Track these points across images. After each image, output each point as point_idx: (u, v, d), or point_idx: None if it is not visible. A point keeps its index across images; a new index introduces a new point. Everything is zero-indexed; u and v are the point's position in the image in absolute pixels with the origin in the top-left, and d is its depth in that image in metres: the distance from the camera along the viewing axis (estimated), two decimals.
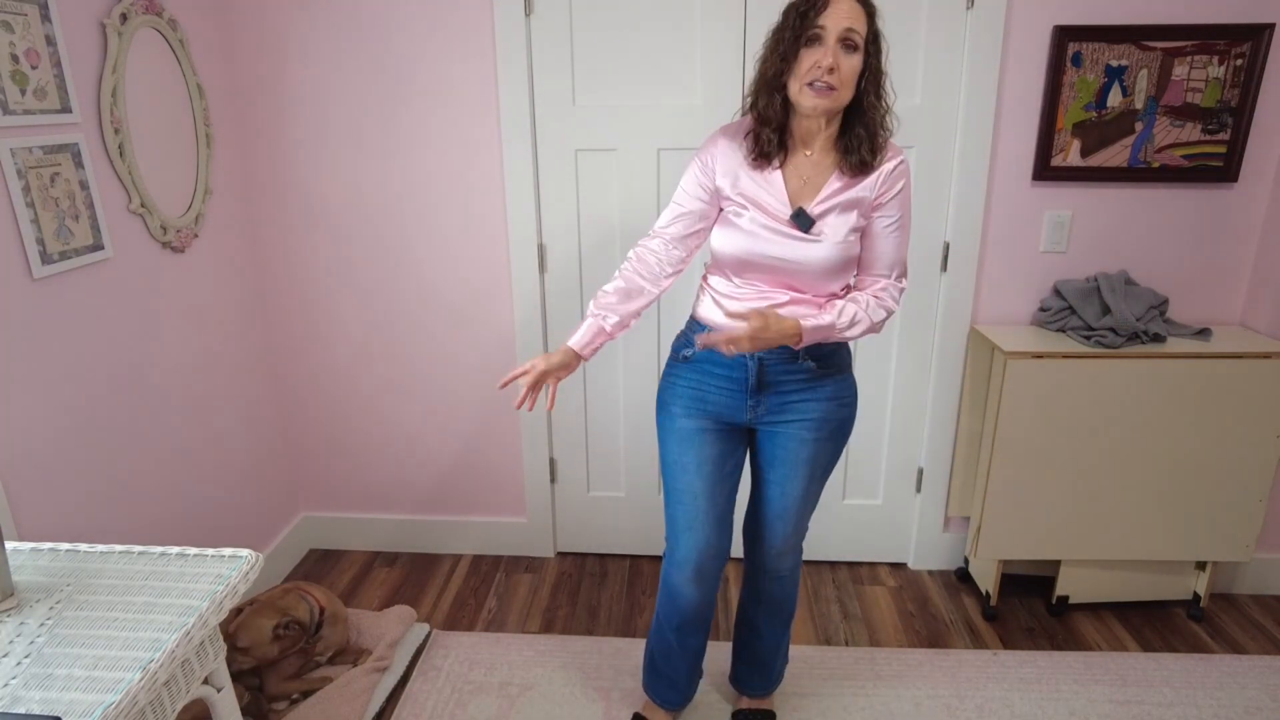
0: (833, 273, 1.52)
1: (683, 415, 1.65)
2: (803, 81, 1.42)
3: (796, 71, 1.43)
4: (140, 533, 2.01)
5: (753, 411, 1.62)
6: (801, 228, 1.49)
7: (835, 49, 1.39)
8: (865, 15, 1.42)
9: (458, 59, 2.26)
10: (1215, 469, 2.18)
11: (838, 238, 1.50)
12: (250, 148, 2.39)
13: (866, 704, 2.04)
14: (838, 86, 1.41)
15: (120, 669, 1.06)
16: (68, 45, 1.75)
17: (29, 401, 1.69)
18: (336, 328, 2.55)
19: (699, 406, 1.63)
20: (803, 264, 1.50)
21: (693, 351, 1.62)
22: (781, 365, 1.58)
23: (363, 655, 2.17)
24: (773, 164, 1.52)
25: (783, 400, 1.61)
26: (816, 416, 1.61)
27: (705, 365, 1.62)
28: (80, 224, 1.79)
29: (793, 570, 1.82)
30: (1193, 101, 2.14)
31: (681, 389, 1.65)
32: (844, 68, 1.40)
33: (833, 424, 1.64)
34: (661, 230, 1.63)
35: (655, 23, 2.19)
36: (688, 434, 1.65)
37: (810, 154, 1.52)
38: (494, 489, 2.70)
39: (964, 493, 2.50)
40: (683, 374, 1.65)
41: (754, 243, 1.51)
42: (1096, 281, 2.23)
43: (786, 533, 1.74)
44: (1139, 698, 2.06)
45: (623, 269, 1.64)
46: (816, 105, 1.43)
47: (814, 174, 1.52)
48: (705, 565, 1.70)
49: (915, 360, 2.44)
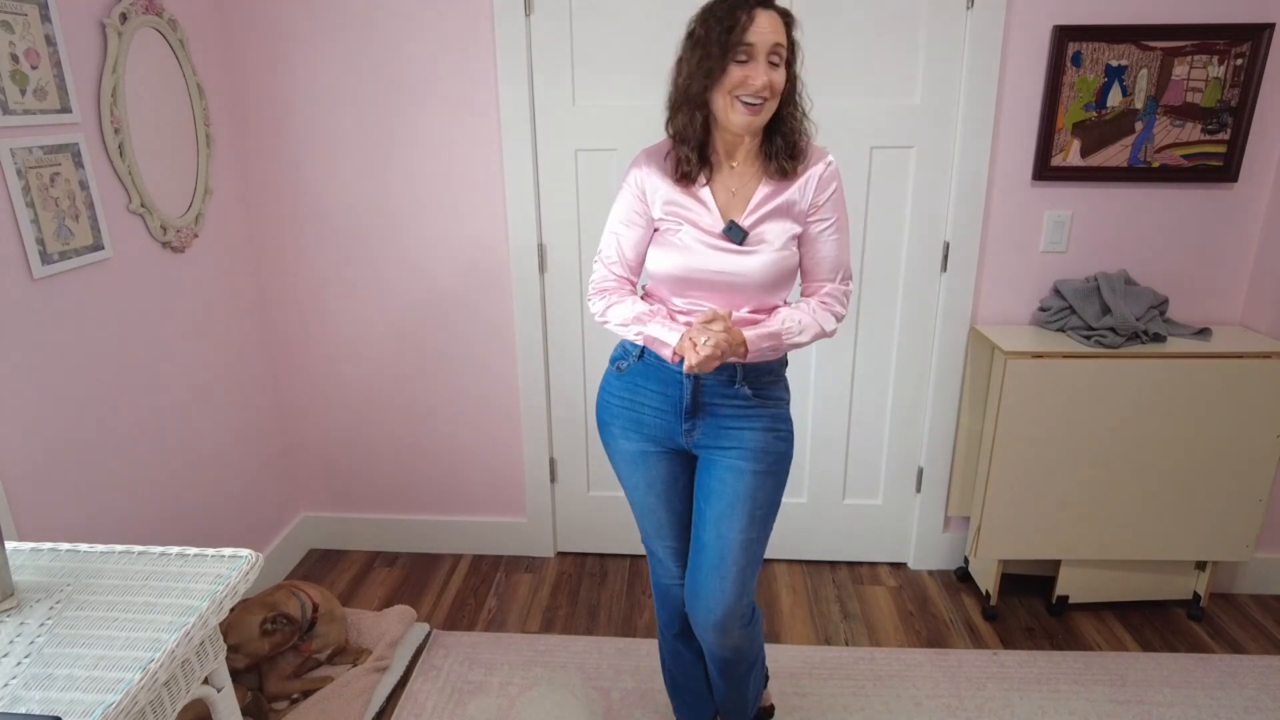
0: (773, 284, 1.49)
1: (622, 436, 1.62)
2: (732, 95, 1.39)
3: (722, 85, 1.39)
4: (140, 533, 2.01)
5: (688, 435, 1.56)
6: (735, 240, 1.47)
7: (765, 66, 1.37)
8: (785, 27, 1.40)
9: (458, 59, 2.26)
10: (1215, 469, 2.18)
11: (775, 246, 1.47)
12: (250, 148, 2.39)
13: (866, 704, 2.04)
14: (768, 98, 1.39)
15: (120, 669, 1.06)
16: (68, 45, 1.75)
17: (29, 401, 1.69)
18: (336, 327, 2.55)
19: (636, 428, 1.60)
20: (742, 276, 1.47)
21: (628, 363, 1.58)
22: (718, 388, 1.52)
23: (363, 655, 2.17)
24: (698, 181, 1.49)
25: (719, 425, 1.54)
26: (755, 446, 1.53)
27: (639, 380, 1.58)
28: (80, 224, 1.79)
29: (743, 637, 1.62)
30: (1193, 101, 2.14)
31: (617, 408, 1.61)
32: (775, 82, 1.39)
33: (772, 456, 1.54)
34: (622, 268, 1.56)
35: (655, 22, 2.19)
36: (632, 456, 1.63)
37: (735, 165, 1.50)
38: (494, 489, 2.70)
39: (964, 493, 2.50)
40: (617, 391, 1.61)
41: (691, 258, 1.47)
42: (1096, 281, 2.23)
43: (726, 592, 1.54)
44: (1139, 698, 2.06)
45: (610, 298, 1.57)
46: (750, 123, 1.41)
47: (740, 185, 1.50)
48: (685, 560, 1.71)
49: (915, 360, 2.44)
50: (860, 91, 2.22)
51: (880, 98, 2.21)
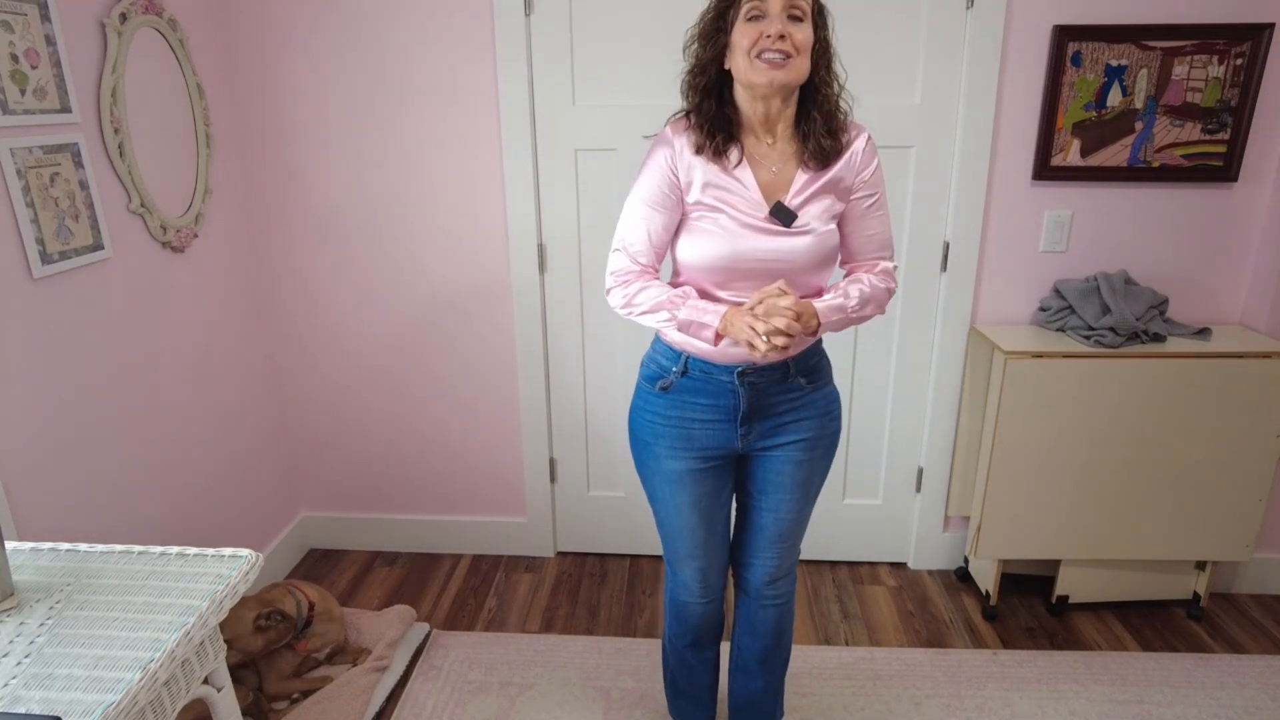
0: (820, 264, 1.42)
1: (669, 456, 1.52)
2: (750, 55, 1.29)
3: (739, 48, 1.30)
4: (140, 533, 2.01)
5: (744, 440, 1.51)
6: (784, 222, 1.38)
7: (781, 18, 1.28)
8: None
9: (458, 59, 2.26)
10: (1215, 469, 2.18)
11: (822, 227, 1.40)
12: (250, 148, 2.39)
13: (866, 704, 2.04)
14: (793, 53, 1.28)
15: (120, 669, 1.06)
16: (67, 45, 1.75)
17: (29, 401, 1.69)
18: (336, 327, 2.55)
19: (685, 445, 1.50)
20: (791, 259, 1.38)
21: (670, 381, 1.49)
22: (773, 387, 1.48)
23: (362, 655, 2.17)
24: (734, 159, 1.38)
25: (775, 423, 1.50)
26: (810, 435, 1.52)
27: (686, 397, 1.48)
28: (80, 224, 1.79)
29: (787, 597, 1.70)
30: (1193, 101, 2.14)
31: (663, 427, 1.51)
32: (797, 36, 1.28)
33: (825, 440, 1.55)
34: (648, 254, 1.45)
35: (655, 22, 2.19)
36: (678, 475, 1.53)
37: (774, 142, 1.40)
38: (494, 489, 2.70)
39: (964, 493, 2.50)
40: (662, 410, 1.51)
41: (736, 243, 1.37)
42: (1096, 281, 2.23)
43: (779, 558, 1.64)
44: (1139, 697, 2.06)
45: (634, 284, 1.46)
46: (773, 79, 1.29)
47: (782, 164, 1.40)
48: (712, 582, 1.67)
49: (915, 360, 2.44)
50: (860, 91, 2.21)
51: (880, 98, 2.21)
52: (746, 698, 1.80)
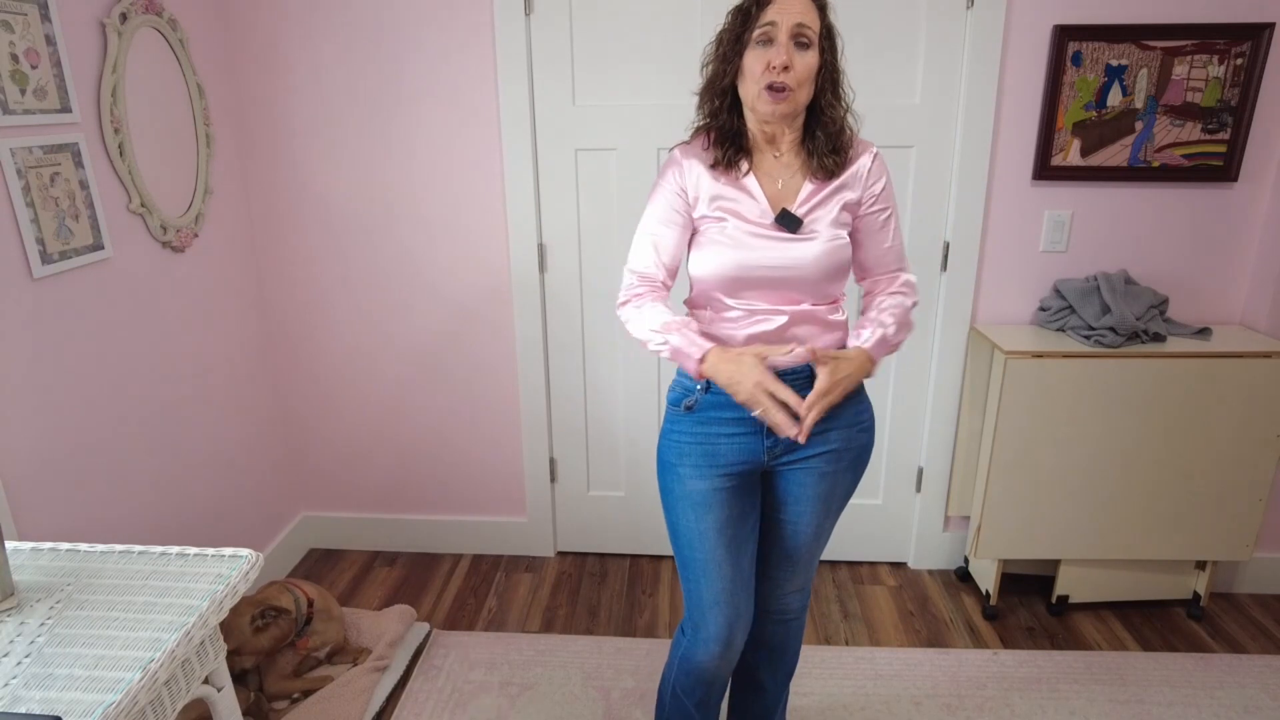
0: (830, 273, 1.42)
1: (693, 476, 1.47)
2: (760, 85, 1.33)
3: (750, 75, 1.35)
4: (140, 533, 2.01)
5: (770, 454, 1.47)
6: (789, 229, 1.40)
7: (788, 46, 1.30)
8: (816, 9, 1.33)
9: (458, 59, 2.26)
10: (1215, 469, 2.18)
11: (829, 234, 1.41)
12: (250, 148, 2.39)
13: (866, 704, 2.04)
14: (794, 87, 1.32)
15: (120, 669, 1.06)
16: (67, 45, 1.75)
17: (29, 401, 1.69)
18: (336, 327, 2.55)
19: (710, 461, 1.46)
20: (799, 267, 1.40)
21: (695, 399, 1.46)
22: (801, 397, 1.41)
23: (362, 654, 2.17)
24: (741, 170, 1.42)
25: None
26: (836, 447, 1.48)
27: (711, 412, 1.46)
28: (80, 224, 1.79)
29: (799, 612, 1.66)
30: (1193, 101, 2.14)
31: (688, 445, 1.47)
32: (799, 66, 1.32)
33: (853, 452, 1.51)
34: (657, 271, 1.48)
35: (655, 22, 2.19)
36: (702, 497, 1.47)
37: (780, 155, 1.44)
38: (494, 489, 2.70)
39: (964, 492, 2.50)
40: (687, 428, 1.47)
41: (743, 253, 1.40)
42: (1096, 281, 2.23)
43: (792, 575, 1.59)
44: (1139, 697, 2.06)
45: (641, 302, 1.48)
46: (775, 111, 1.34)
47: (788, 176, 1.43)
48: (735, 639, 1.53)
49: (915, 360, 2.44)
50: (860, 91, 2.21)
51: (880, 98, 2.21)
52: (748, 707, 1.78)
